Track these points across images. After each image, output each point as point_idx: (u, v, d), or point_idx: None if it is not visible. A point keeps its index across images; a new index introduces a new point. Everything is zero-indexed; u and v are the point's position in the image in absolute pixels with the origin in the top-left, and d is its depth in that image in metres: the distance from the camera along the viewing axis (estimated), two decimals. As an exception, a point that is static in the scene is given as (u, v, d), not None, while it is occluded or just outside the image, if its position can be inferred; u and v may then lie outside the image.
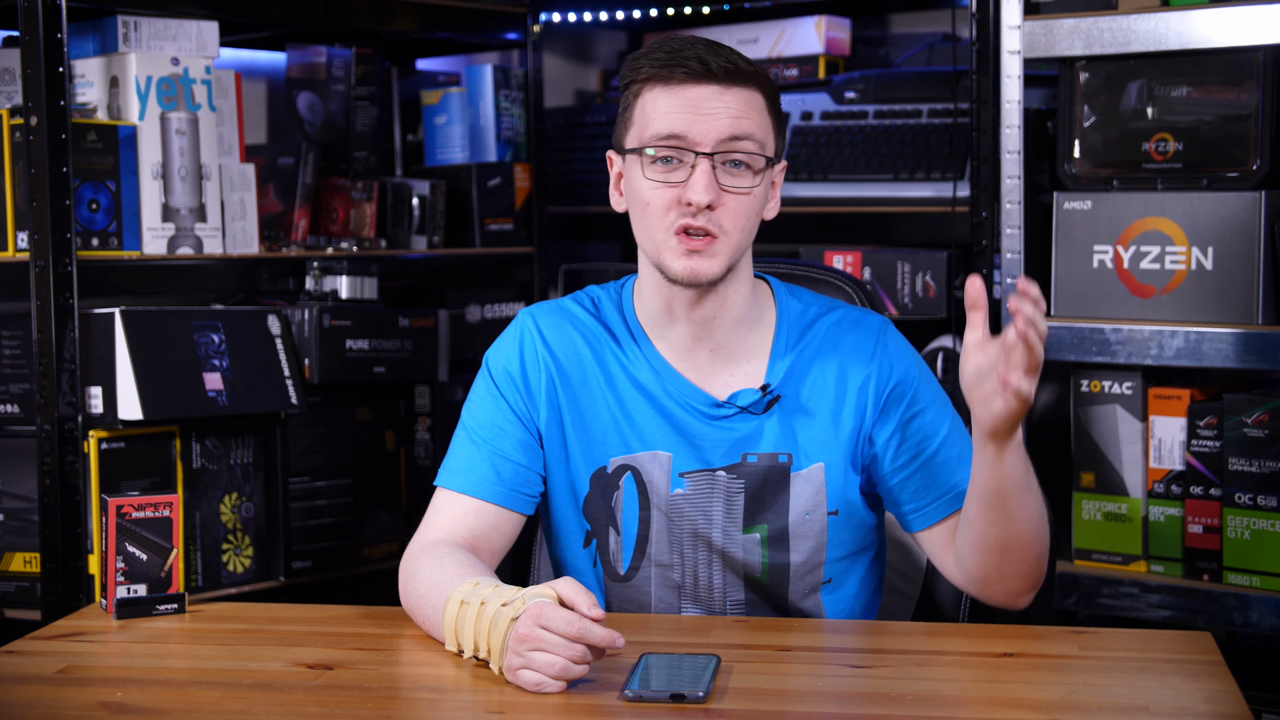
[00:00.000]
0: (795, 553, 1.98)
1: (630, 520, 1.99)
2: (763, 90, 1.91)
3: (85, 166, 2.68)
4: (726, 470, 1.97)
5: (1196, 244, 2.72)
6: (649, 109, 1.90)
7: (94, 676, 1.78)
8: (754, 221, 1.92)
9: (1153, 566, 2.82)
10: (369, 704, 1.66)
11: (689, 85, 1.88)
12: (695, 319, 1.95)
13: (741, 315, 1.97)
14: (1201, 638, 1.83)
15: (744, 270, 1.96)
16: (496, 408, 2.00)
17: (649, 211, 1.90)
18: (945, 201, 3.05)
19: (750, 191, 1.88)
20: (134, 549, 2.00)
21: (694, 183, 1.86)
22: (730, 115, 1.87)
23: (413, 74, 3.67)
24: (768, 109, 1.92)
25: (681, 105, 1.87)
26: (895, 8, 3.63)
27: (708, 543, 1.98)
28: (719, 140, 1.86)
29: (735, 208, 1.88)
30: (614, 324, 2.02)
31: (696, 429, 1.97)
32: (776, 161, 1.95)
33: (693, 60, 1.87)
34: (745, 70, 1.89)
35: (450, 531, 1.95)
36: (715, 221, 1.87)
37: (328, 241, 3.15)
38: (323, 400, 2.96)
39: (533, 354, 2.01)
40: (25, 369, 2.70)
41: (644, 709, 1.61)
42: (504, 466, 1.97)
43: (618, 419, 1.99)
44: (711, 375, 1.98)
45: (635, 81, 1.92)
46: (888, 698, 1.65)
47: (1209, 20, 2.66)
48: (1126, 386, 2.82)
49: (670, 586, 2.00)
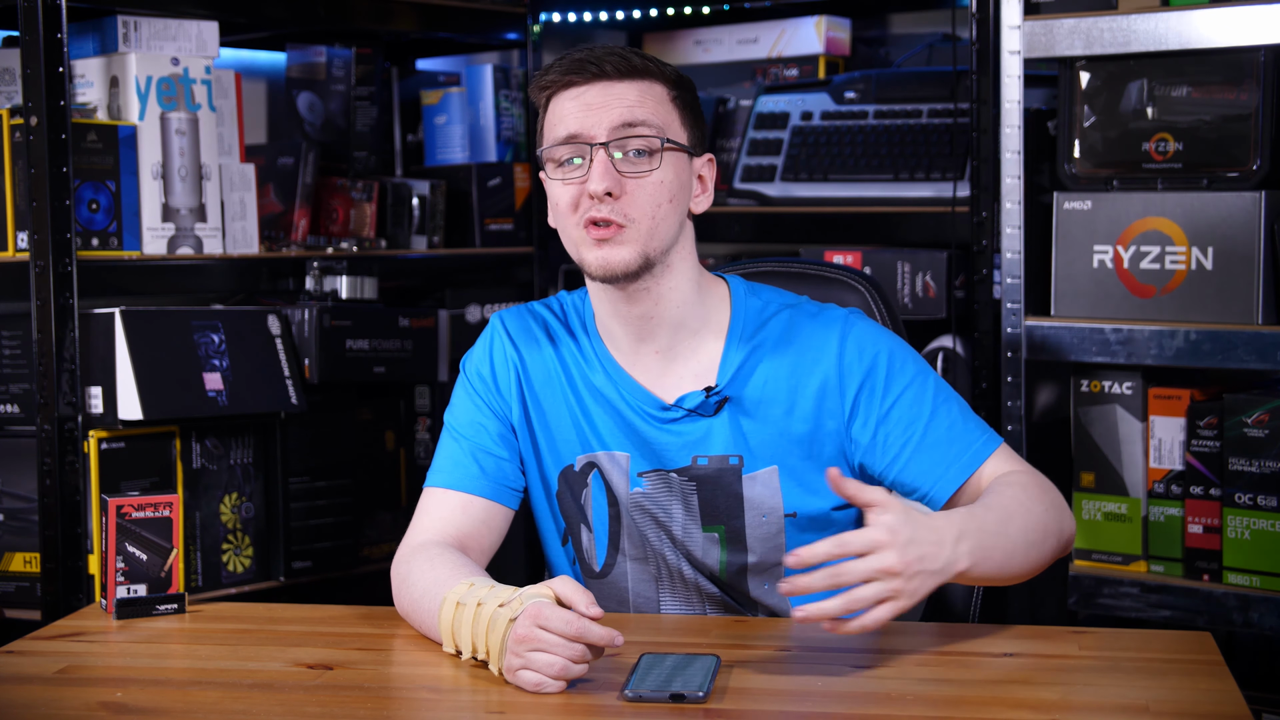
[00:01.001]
0: (752, 554, 1.97)
1: (600, 516, 2.01)
2: (664, 82, 1.93)
3: (85, 166, 2.68)
4: (678, 472, 1.97)
5: (1196, 244, 2.72)
6: (552, 116, 1.92)
7: (94, 676, 1.78)
8: (667, 210, 1.90)
9: (1153, 566, 2.82)
10: (368, 704, 1.66)
11: (585, 86, 1.90)
12: (632, 317, 1.95)
13: (683, 315, 1.96)
14: (1201, 638, 1.82)
15: (679, 267, 1.95)
16: (474, 406, 2.03)
17: (559, 211, 1.92)
18: (945, 201, 3.05)
19: (649, 173, 1.89)
20: (134, 549, 2.00)
21: (592, 173, 1.87)
22: (623, 105, 1.89)
23: (413, 74, 3.67)
24: (670, 98, 1.93)
25: (578, 106, 1.90)
26: (895, 8, 3.63)
27: (670, 539, 1.99)
28: (611, 129, 1.88)
29: (639, 194, 1.88)
30: (575, 327, 2.04)
31: (648, 432, 1.97)
32: (697, 153, 1.95)
33: (588, 63, 1.90)
34: (640, 65, 1.91)
35: (439, 531, 1.96)
36: (619, 211, 1.87)
37: (328, 241, 3.15)
38: (323, 400, 2.96)
39: (501, 355, 2.04)
40: (25, 369, 2.70)
41: (644, 709, 1.61)
42: (487, 460, 1.99)
43: (578, 419, 2.00)
44: (661, 377, 1.98)
45: (541, 91, 1.94)
46: (888, 698, 1.65)
47: (1209, 20, 2.66)
48: (1126, 386, 2.82)
49: (647, 580, 2.01)
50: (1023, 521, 1.82)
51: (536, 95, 1.95)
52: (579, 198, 1.89)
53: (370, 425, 3.09)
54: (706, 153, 1.99)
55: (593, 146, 1.88)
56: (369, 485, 3.07)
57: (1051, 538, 1.87)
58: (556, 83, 1.92)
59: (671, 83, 1.94)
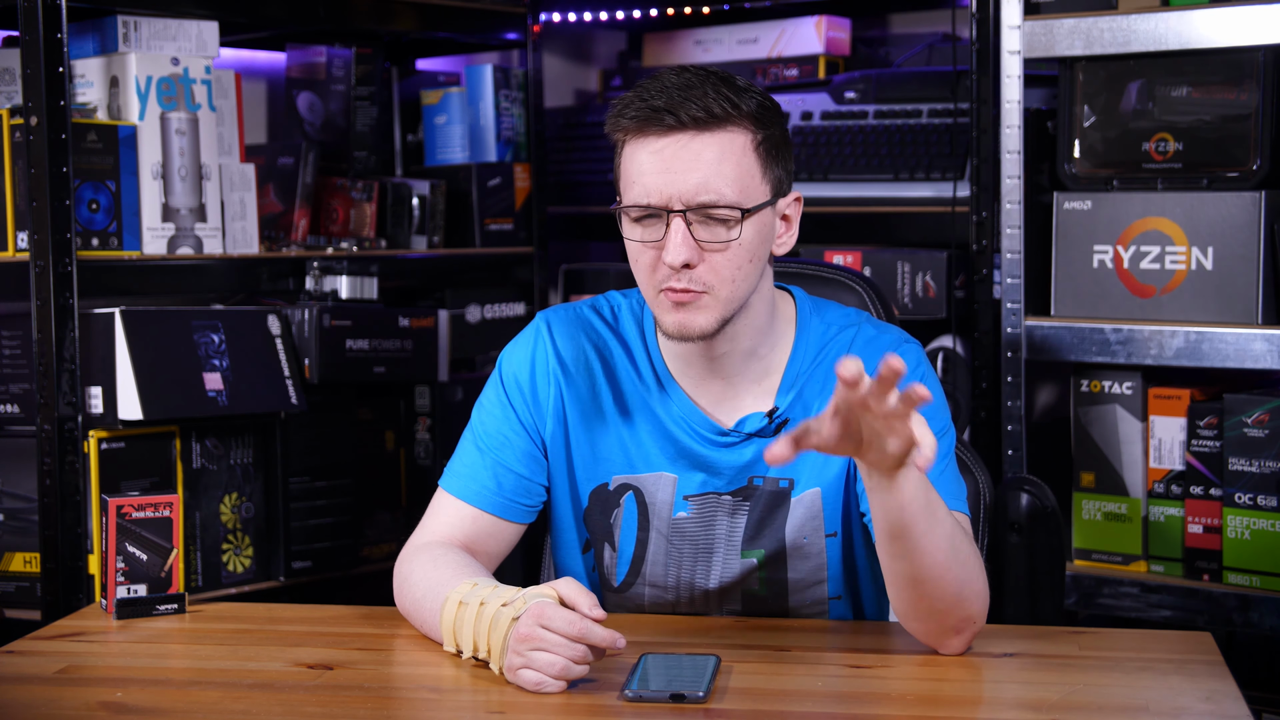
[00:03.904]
0: (793, 571, 1.96)
1: (628, 539, 1.98)
2: (747, 128, 1.83)
3: (85, 166, 2.68)
4: (732, 495, 1.95)
5: (1196, 244, 2.72)
6: (629, 166, 1.85)
7: (94, 676, 1.78)
8: (748, 269, 1.85)
9: (1153, 566, 2.82)
10: (369, 704, 1.66)
11: (662, 138, 1.82)
12: (707, 357, 1.92)
13: (754, 344, 1.93)
14: (1201, 638, 1.83)
15: (757, 306, 1.90)
16: (505, 416, 1.98)
17: (638, 269, 1.87)
18: (945, 201, 3.05)
19: (728, 245, 1.83)
20: (134, 549, 2.00)
21: (669, 244, 1.82)
22: (701, 170, 1.80)
23: (413, 74, 3.67)
24: (753, 147, 1.84)
25: (654, 164, 1.82)
26: (895, 8, 3.63)
27: (706, 566, 1.97)
28: (689, 200, 1.81)
29: (717, 263, 1.83)
30: (630, 337, 1.99)
31: (703, 454, 1.95)
32: (784, 192, 1.89)
33: (664, 111, 1.81)
34: (721, 113, 1.81)
35: (447, 535, 1.95)
36: (697, 279, 1.82)
37: (328, 241, 3.15)
38: (323, 400, 2.96)
39: (543, 365, 1.98)
40: (25, 369, 2.70)
41: (644, 709, 1.61)
42: (506, 478, 1.96)
43: (623, 438, 1.97)
44: (722, 401, 1.95)
45: (616, 133, 1.87)
46: (888, 698, 1.65)
47: (1209, 20, 2.66)
48: (1126, 386, 2.82)
49: (663, 605, 2.00)
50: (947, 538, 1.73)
51: (612, 134, 1.87)
52: (656, 263, 1.84)
53: (370, 425, 3.09)
54: (793, 190, 1.91)
55: (669, 213, 1.82)
56: (369, 485, 3.07)
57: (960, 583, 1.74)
58: (631, 129, 1.84)
59: (754, 124, 1.84)
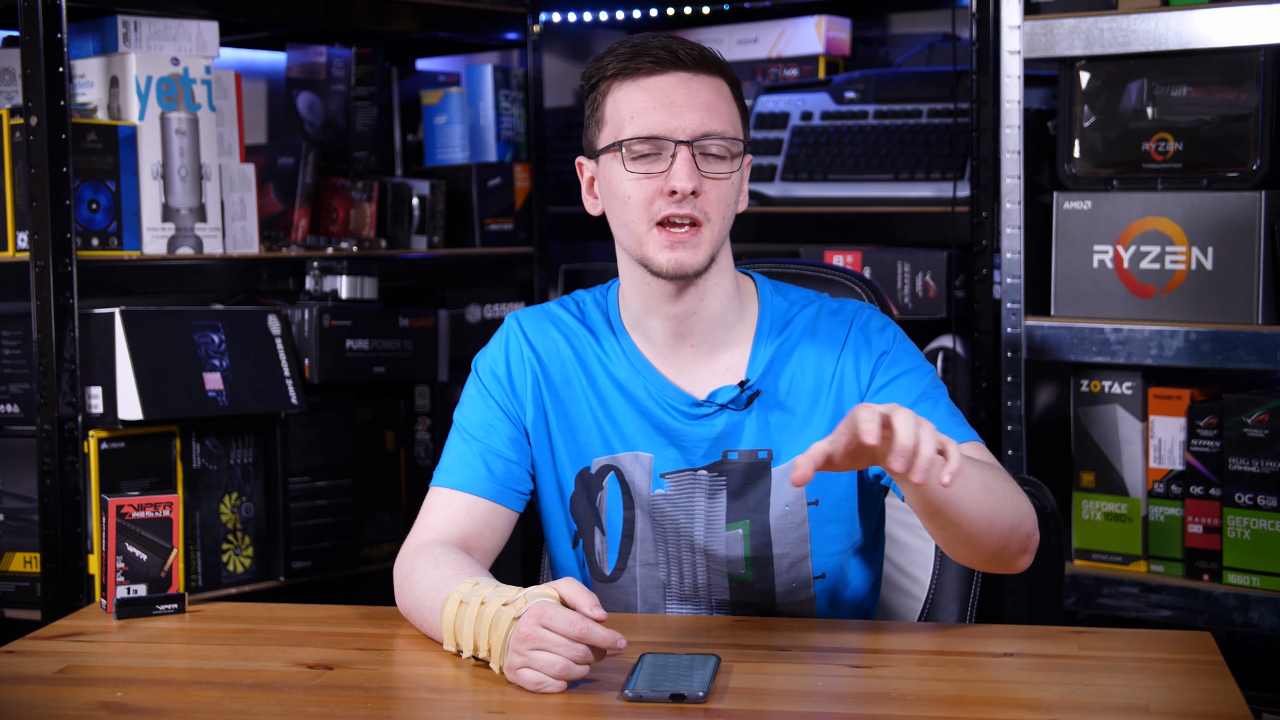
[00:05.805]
0: (778, 545, 1.98)
1: (615, 520, 2.00)
2: (728, 79, 1.93)
3: (85, 166, 2.68)
4: (708, 469, 1.97)
5: (1196, 244, 2.72)
6: (621, 105, 1.91)
7: (94, 676, 1.78)
8: (733, 210, 1.94)
9: (1153, 566, 2.82)
10: (368, 704, 1.66)
11: (657, 75, 1.90)
12: (675, 314, 1.96)
13: (722, 309, 1.97)
14: (1201, 638, 1.82)
15: (724, 262, 1.96)
16: (486, 406, 2.02)
17: (630, 206, 1.91)
18: (945, 201, 3.05)
19: (729, 177, 1.90)
20: (134, 549, 2.00)
21: (676, 171, 1.87)
22: (703, 106, 1.89)
23: (413, 74, 3.67)
24: (733, 97, 1.94)
25: (654, 99, 1.89)
26: (895, 8, 3.63)
27: (690, 542, 1.99)
28: (695, 130, 1.88)
29: (716, 195, 1.90)
30: (596, 324, 2.03)
31: (677, 428, 1.97)
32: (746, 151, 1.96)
33: (658, 49, 1.89)
34: (711, 59, 1.92)
35: (443, 531, 1.96)
36: (700, 208, 1.88)
37: (328, 241, 3.15)
38: (323, 400, 2.96)
39: (518, 355, 2.03)
40: (25, 369, 2.70)
41: (644, 709, 1.61)
42: (495, 462, 1.99)
43: (600, 419, 2.00)
44: (692, 372, 1.98)
45: (602, 80, 1.93)
46: (888, 698, 1.65)
47: (1209, 20, 2.66)
48: (1126, 386, 2.82)
49: (655, 586, 2.01)
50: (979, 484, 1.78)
51: (595, 78, 1.93)
52: (655, 193, 1.89)
53: (370, 425, 3.09)
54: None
55: (676, 144, 1.88)
56: (369, 485, 3.07)
57: (1012, 513, 1.82)
58: (624, 69, 1.91)
59: (732, 81, 1.95)
